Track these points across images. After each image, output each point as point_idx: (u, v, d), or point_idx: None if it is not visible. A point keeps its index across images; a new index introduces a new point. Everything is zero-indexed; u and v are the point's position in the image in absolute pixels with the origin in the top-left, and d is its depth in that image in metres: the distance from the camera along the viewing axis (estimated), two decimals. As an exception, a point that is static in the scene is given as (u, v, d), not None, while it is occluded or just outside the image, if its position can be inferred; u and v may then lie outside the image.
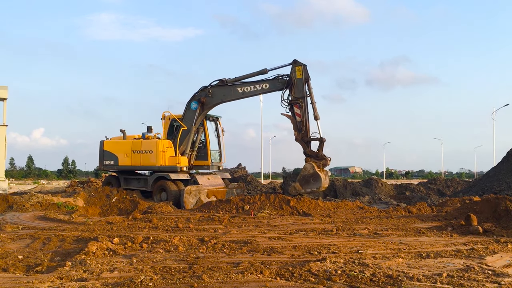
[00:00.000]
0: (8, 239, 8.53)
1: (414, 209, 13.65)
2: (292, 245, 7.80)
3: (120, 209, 14.48)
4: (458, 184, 26.83)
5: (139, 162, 17.16)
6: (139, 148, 17.14)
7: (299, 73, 16.05)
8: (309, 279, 5.45)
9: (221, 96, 16.99)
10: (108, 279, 5.39)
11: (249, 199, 13.77)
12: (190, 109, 17.20)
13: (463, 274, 5.67)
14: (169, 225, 10.54)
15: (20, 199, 14.75)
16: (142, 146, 17.12)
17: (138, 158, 17.15)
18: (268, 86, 16.44)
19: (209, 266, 6.07)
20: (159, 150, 16.79)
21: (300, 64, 15.99)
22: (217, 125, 18.89)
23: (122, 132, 17.87)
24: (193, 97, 17.24)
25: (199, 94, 17.15)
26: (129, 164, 17.33)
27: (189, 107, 17.25)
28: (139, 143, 17.20)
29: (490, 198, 11.55)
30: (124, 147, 17.48)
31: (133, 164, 17.27)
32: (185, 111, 17.32)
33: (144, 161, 17.07)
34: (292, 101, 15.91)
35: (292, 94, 16.02)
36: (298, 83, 15.94)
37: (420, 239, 8.67)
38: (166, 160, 16.83)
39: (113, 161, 17.55)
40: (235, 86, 16.74)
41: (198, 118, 17.28)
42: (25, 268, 6.24)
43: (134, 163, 17.25)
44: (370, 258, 6.65)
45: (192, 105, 17.16)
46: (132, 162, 17.26)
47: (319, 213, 12.84)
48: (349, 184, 23.21)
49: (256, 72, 16.58)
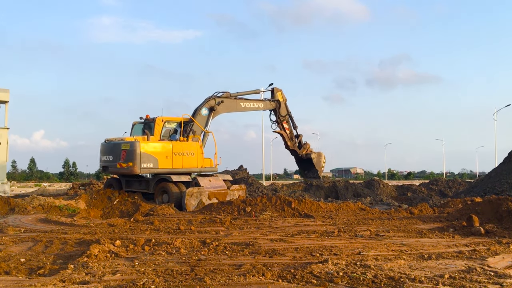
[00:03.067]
0: (10, 242, 8.54)
1: (416, 210, 13.64)
2: (294, 247, 7.80)
3: (121, 211, 14.51)
4: (460, 185, 26.81)
5: (181, 164, 17.08)
6: (181, 150, 17.07)
7: (281, 97, 21.48)
8: (311, 281, 5.45)
9: (229, 107, 19.59)
10: (110, 281, 5.40)
11: (250, 201, 13.77)
12: (201, 115, 18.37)
13: (465, 276, 5.66)
14: (171, 227, 10.55)
15: (22, 201, 14.79)
16: (183, 148, 17.14)
17: (180, 161, 17.05)
18: (263, 106, 21.26)
19: (211, 269, 6.07)
20: (199, 152, 17.43)
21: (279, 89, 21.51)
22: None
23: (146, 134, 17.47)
24: (204, 103, 18.62)
25: (210, 102, 18.74)
26: (170, 166, 16.93)
27: (200, 113, 18.30)
28: (180, 145, 17.14)
29: (492, 199, 11.54)
30: (164, 149, 16.94)
31: (174, 166, 16.99)
32: (196, 116, 18.17)
33: (186, 164, 17.13)
34: (281, 120, 21.66)
35: (279, 113, 21.48)
36: (283, 105, 21.57)
37: (422, 240, 8.67)
38: (203, 162, 17.60)
39: (153, 163, 16.62)
40: (239, 101, 19.86)
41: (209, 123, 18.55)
42: (27, 271, 6.25)
43: (176, 166, 17.01)
44: (372, 260, 6.65)
45: (203, 111, 18.51)
46: (173, 165, 16.98)
47: (320, 215, 12.84)
48: (351, 185, 23.23)
49: (252, 91, 20.86)
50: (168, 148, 16.88)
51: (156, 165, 16.53)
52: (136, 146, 16.12)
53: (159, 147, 16.80)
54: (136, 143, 16.24)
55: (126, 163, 16.18)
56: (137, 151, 16.05)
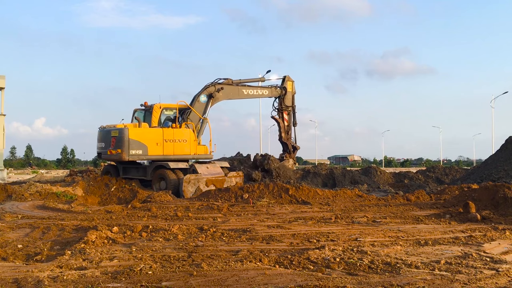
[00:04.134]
0: (8, 229, 8.54)
1: (413, 197, 13.70)
2: (291, 233, 7.83)
3: (119, 198, 14.51)
4: (457, 172, 26.84)
5: (172, 151, 16.85)
6: (172, 137, 16.85)
7: (291, 87, 20.76)
8: (308, 266, 5.47)
9: (229, 94, 19.01)
10: (108, 267, 5.41)
11: (248, 188, 13.79)
12: (200, 102, 18.04)
13: (461, 261, 5.70)
14: (168, 214, 10.57)
15: (19, 188, 14.75)
16: (175, 135, 16.92)
17: (171, 147, 16.83)
18: (267, 93, 20.47)
19: (208, 255, 6.09)
20: (192, 139, 17.12)
21: (292, 80, 20.72)
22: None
23: (137, 120, 17.27)
24: (203, 90, 18.15)
25: (209, 88, 18.24)
26: (160, 153, 16.75)
27: (198, 99, 17.97)
28: (171, 132, 16.89)
29: (489, 186, 11.59)
30: (154, 136, 16.73)
31: (165, 153, 16.77)
32: (194, 103, 17.85)
33: (178, 151, 16.92)
34: (284, 108, 20.78)
35: (283, 102, 20.66)
36: (289, 95, 20.81)
37: (418, 226, 8.71)
38: (197, 149, 17.34)
39: (142, 150, 16.46)
40: (241, 88, 19.26)
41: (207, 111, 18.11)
42: (24, 257, 6.26)
43: (167, 152, 16.79)
44: (368, 246, 6.68)
45: (202, 98, 18.12)
46: (164, 152, 16.77)
47: (318, 201, 12.88)
48: (348, 173, 23.24)
49: (256, 79, 20.12)
50: (159, 135, 16.74)
51: (146, 152, 16.48)
52: (124, 133, 16.05)
53: (149, 133, 16.72)
54: (125, 130, 16.19)
55: (116, 150, 16.16)
56: (125, 138, 16.02)
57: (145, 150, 16.37)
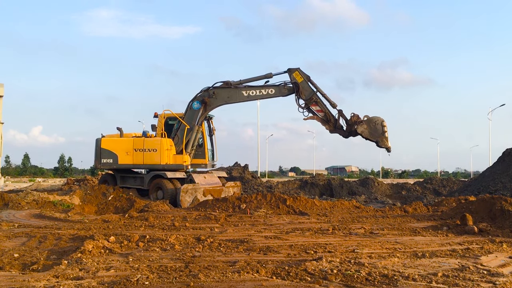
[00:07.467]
0: (4, 237, 8.49)
1: (410, 208, 13.71)
2: (288, 244, 7.81)
3: (116, 207, 14.48)
4: (454, 184, 26.94)
5: (141, 160, 16.92)
6: (142, 146, 16.92)
7: (299, 76, 16.84)
8: (305, 278, 5.46)
9: (225, 98, 17.28)
10: (104, 277, 5.39)
11: (245, 198, 13.78)
12: (192, 109, 17.31)
13: (458, 274, 5.70)
14: (166, 223, 10.53)
15: (16, 197, 14.69)
16: (145, 144, 16.93)
17: (141, 157, 16.91)
18: (274, 92, 17.01)
19: (206, 265, 6.07)
20: (163, 148, 16.76)
21: (295, 69, 16.80)
22: (210, 124, 18.91)
23: (119, 130, 17.67)
24: (195, 97, 17.34)
25: (202, 94, 17.29)
26: (130, 162, 17.02)
27: (191, 106, 17.33)
28: (142, 141, 16.97)
29: (486, 198, 11.60)
30: (124, 145, 17.12)
31: (134, 162, 16.99)
32: (187, 110, 17.36)
33: (147, 160, 16.88)
34: (308, 102, 16.64)
35: (302, 97, 16.73)
36: (303, 85, 16.73)
37: (415, 238, 8.71)
38: (170, 158, 16.90)
39: (112, 159, 17.07)
40: (240, 89, 17.05)
41: (200, 118, 17.35)
42: (21, 266, 6.23)
43: (136, 162, 16.98)
44: (366, 258, 6.68)
45: (194, 104, 17.24)
46: (133, 161, 16.98)
47: (315, 212, 12.87)
48: (346, 183, 23.29)
49: (262, 76, 16.94)
50: (129, 144, 17.11)
51: (116, 161, 17.11)
52: (98, 142, 17.31)
53: (120, 143, 17.28)
54: (99, 140, 17.31)
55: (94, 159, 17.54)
56: (97, 147, 17.25)
57: (116, 159, 17.08)
